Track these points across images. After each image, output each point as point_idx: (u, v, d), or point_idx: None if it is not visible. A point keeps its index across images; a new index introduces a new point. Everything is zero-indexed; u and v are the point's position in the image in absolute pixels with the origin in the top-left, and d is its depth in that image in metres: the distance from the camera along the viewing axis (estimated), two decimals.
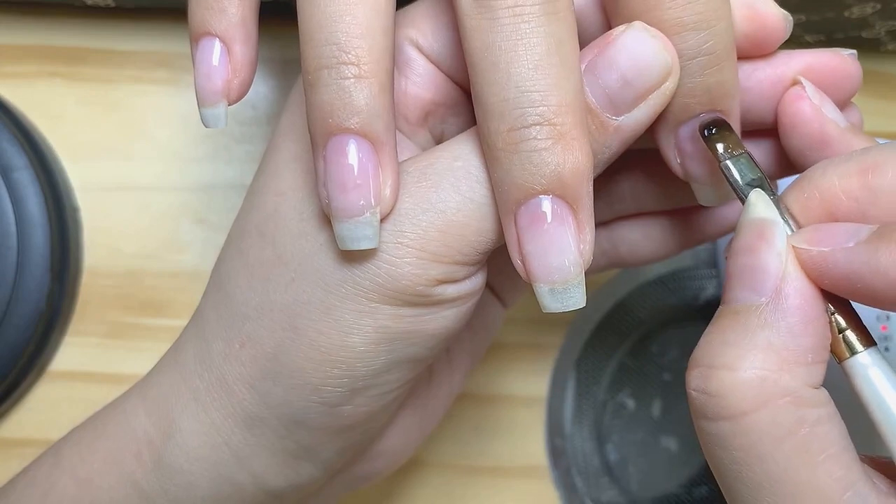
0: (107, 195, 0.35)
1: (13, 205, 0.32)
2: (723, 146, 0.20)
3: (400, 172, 0.20)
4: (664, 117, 0.21)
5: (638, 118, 0.20)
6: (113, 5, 0.34)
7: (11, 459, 0.34)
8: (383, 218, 0.20)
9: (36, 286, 0.32)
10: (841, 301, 0.19)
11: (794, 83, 0.21)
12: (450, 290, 0.21)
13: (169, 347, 0.25)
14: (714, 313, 0.19)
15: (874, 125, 0.36)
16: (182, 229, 0.35)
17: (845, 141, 0.21)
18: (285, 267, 0.21)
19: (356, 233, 0.19)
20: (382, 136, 0.19)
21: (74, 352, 0.35)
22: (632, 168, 0.25)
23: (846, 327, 0.19)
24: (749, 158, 0.20)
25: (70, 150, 0.35)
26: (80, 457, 0.24)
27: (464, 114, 0.24)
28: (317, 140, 0.19)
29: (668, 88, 0.20)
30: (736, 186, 0.20)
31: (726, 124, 0.20)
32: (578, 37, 0.19)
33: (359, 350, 0.21)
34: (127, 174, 0.35)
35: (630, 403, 0.36)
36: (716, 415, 0.18)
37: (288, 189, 0.22)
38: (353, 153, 0.19)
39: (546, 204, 0.19)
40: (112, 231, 0.35)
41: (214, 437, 0.23)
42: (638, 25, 0.19)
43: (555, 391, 0.36)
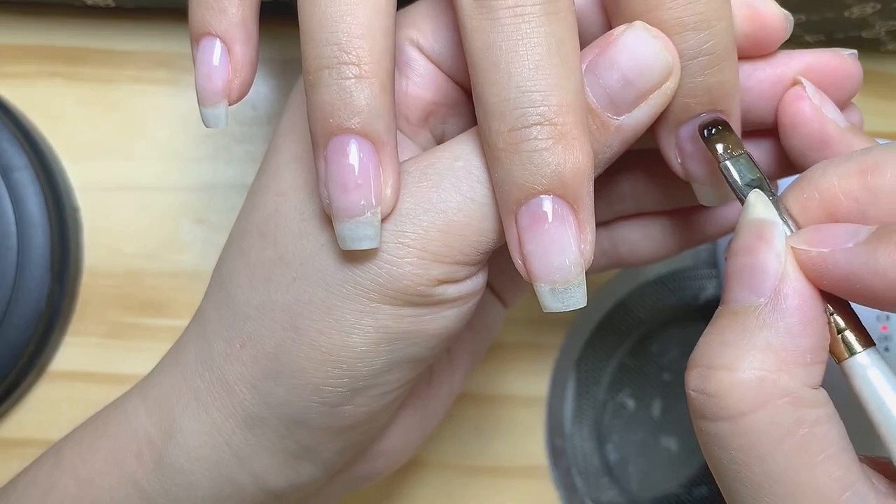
0: (107, 195, 0.35)
1: (13, 205, 0.32)
2: (722, 146, 0.20)
3: (401, 172, 0.20)
4: (665, 117, 0.21)
5: (639, 118, 0.20)
6: (113, 5, 0.34)
7: (11, 459, 0.34)
8: (384, 218, 0.20)
9: (36, 286, 0.32)
10: (840, 301, 0.19)
11: (795, 83, 0.21)
12: (451, 291, 0.21)
13: (170, 347, 0.25)
14: (714, 313, 0.19)
15: (874, 125, 0.36)
16: (182, 229, 0.35)
17: (845, 141, 0.21)
18: (286, 267, 0.21)
19: (357, 233, 0.19)
20: (383, 136, 0.19)
21: (74, 352, 0.35)
22: (632, 168, 0.25)
23: (845, 328, 0.19)
24: (748, 159, 0.20)
25: (70, 150, 0.35)
26: (81, 457, 0.24)
27: (465, 114, 0.24)
28: (318, 140, 0.19)
29: (669, 88, 0.20)
30: (735, 187, 0.20)
31: (726, 125, 0.20)
32: (579, 37, 0.19)
33: (359, 350, 0.21)
34: (127, 174, 0.35)
35: (630, 403, 0.36)
36: (715, 415, 0.18)
37: (289, 189, 0.22)
38: (354, 153, 0.19)
39: (547, 204, 0.19)
40: (112, 231, 0.35)
41: (215, 437, 0.23)
42: (639, 25, 0.19)
43: (555, 391, 0.36)
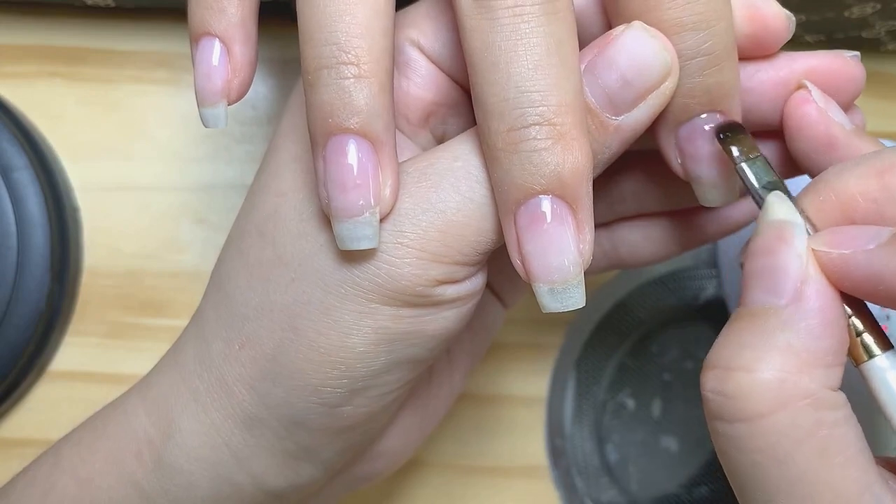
0: (107, 195, 0.35)
1: (13, 205, 0.32)
2: (738, 149, 0.20)
3: (400, 173, 0.20)
4: (664, 117, 0.21)
5: (637, 118, 0.20)
6: (113, 5, 0.34)
7: (11, 459, 0.34)
8: (383, 218, 0.20)
9: (36, 286, 0.32)
10: (858, 304, 0.19)
11: (800, 87, 0.21)
12: (450, 291, 0.21)
13: (169, 347, 0.25)
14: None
15: (875, 125, 0.36)
16: (182, 229, 0.35)
17: (851, 143, 0.21)
18: (285, 267, 0.21)
19: (356, 233, 0.19)
20: (382, 136, 0.19)
21: (74, 352, 0.35)
22: (633, 169, 0.25)
23: (863, 330, 0.19)
24: (765, 161, 0.20)
25: (70, 150, 0.35)
26: (81, 457, 0.24)
27: (465, 114, 0.24)
28: (316, 140, 0.19)
29: (668, 88, 0.20)
30: (752, 189, 0.20)
31: (741, 127, 0.20)
32: (579, 37, 0.19)
33: (358, 351, 0.21)
34: (127, 174, 0.35)
35: (630, 403, 0.36)
36: (733, 416, 0.18)
37: (288, 190, 0.22)
38: (353, 153, 0.19)
39: (545, 204, 0.19)
40: (112, 231, 0.35)
41: (214, 438, 0.23)
42: (637, 25, 0.19)
43: (555, 391, 0.36)
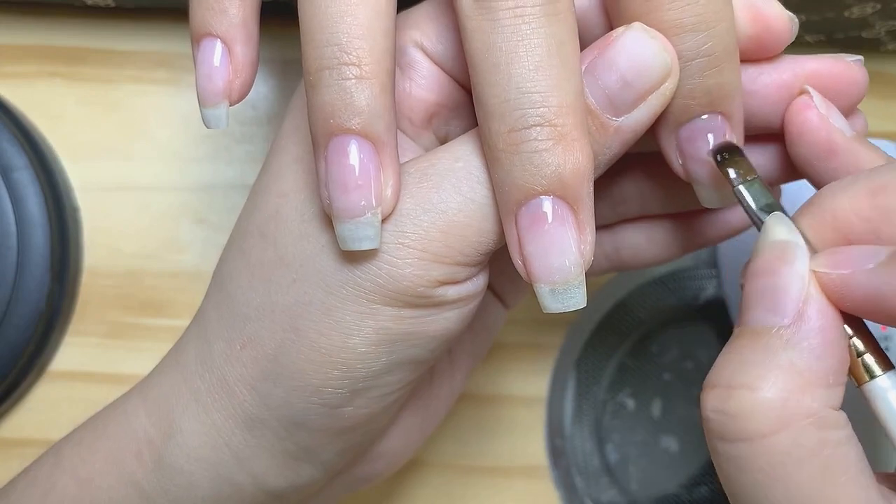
0: (107, 195, 0.35)
1: (13, 205, 0.32)
2: (735, 171, 0.20)
3: (401, 173, 0.20)
4: (665, 118, 0.21)
5: (638, 119, 0.20)
6: (113, 5, 0.34)
7: (11, 459, 0.34)
8: (384, 218, 0.20)
9: (36, 286, 0.32)
10: (857, 324, 0.19)
11: (802, 92, 0.21)
12: (451, 292, 0.21)
13: (170, 348, 0.25)
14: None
15: (874, 125, 0.36)
16: (182, 229, 0.35)
17: (852, 150, 0.21)
18: (287, 268, 0.21)
19: (357, 233, 0.19)
20: (384, 137, 0.19)
21: (74, 352, 0.35)
22: (635, 171, 0.25)
23: (865, 350, 0.19)
24: (761, 183, 0.20)
25: (70, 150, 0.35)
26: (81, 457, 0.24)
27: (468, 115, 0.24)
28: (318, 140, 0.19)
29: (668, 89, 0.20)
30: (750, 211, 0.20)
31: (738, 149, 0.21)
32: (581, 38, 0.19)
33: (359, 351, 0.21)
34: (127, 174, 0.35)
35: (630, 403, 0.36)
36: (735, 436, 0.18)
37: (290, 190, 0.22)
38: (355, 154, 0.19)
39: (547, 204, 0.19)
40: (112, 231, 0.35)
41: (215, 438, 0.23)
42: (637, 27, 0.19)
43: (555, 391, 0.36)
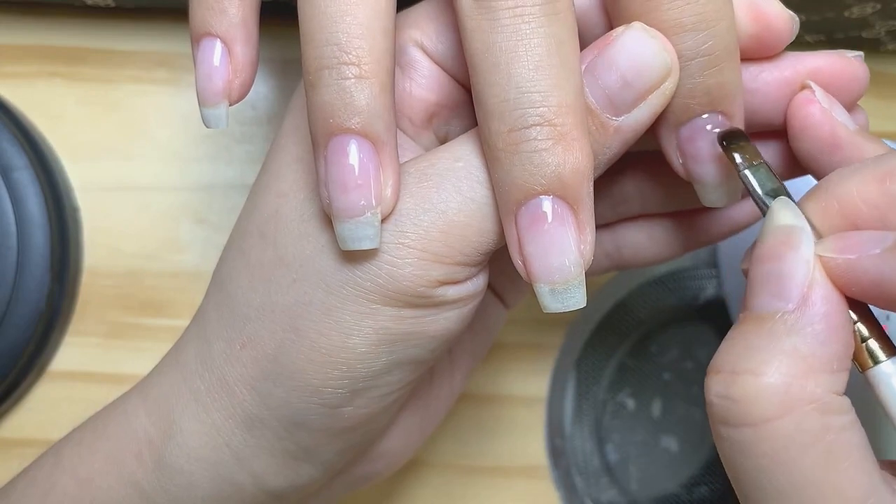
0: (107, 195, 0.35)
1: (13, 205, 0.32)
2: (741, 156, 0.20)
3: (401, 173, 0.20)
4: (665, 118, 0.21)
5: (638, 118, 0.20)
6: (113, 5, 0.34)
7: (11, 459, 0.34)
8: (384, 218, 0.20)
9: (36, 286, 0.32)
10: (862, 310, 0.19)
11: (804, 87, 0.21)
12: (451, 292, 0.21)
13: (170, 347, 0.25)
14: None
15: (875, 125, 0.36)
16: (182, 229, 0.35)
17: (855, 144, 0.21)
18: (287, 268, 0.21)
19: (357, 233, 0.19)
20: (383, 136, 0.19)
21: (74, 352, 0.35)
22: (635, 170, 0.25)
23: (869, 336, 0.19)
24: (767, 168, 0.20)
25: (70, 150, 0.35)
26: (81, 457, 0.24)
27: (468, 115, 0.24)
28: (318, 140, 0.19)
29: (668, 88, 0.20)
30: (756, 196, 0.20)
31: (743, 134, 0.20)
32: (581, 38, 0.19)
33: (359, 351, 0.21)
34: (127, 174, 0.35)
35: (630, 403, 0.36)
36: (739, 421, 0.18)
37: (290, 190, 0.22)
38: (354, 153, 0.19)
39: (546, 204, 0.19)
40: (112, 231, 0.35)
41: (215, 438, 0.23)
42: (637, 26, 0.19)
43: (555, 391, 0.36)
